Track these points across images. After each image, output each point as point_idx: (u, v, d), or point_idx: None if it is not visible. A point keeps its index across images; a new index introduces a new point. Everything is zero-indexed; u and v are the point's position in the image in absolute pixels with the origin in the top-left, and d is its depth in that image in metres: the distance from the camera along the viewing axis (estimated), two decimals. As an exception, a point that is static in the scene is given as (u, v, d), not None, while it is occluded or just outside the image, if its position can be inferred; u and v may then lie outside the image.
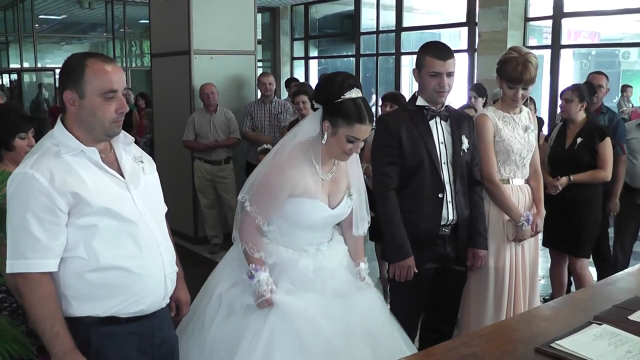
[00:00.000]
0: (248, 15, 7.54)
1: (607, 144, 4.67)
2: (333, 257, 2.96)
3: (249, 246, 2.80)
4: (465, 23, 11.00)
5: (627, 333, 1.92)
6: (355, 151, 2.82)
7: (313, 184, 2.81)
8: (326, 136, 2.77)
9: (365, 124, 2.73)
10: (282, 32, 15.36)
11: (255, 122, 7.21)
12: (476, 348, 1.85)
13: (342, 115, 2.72)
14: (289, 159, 2.78)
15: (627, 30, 11.86)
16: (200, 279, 3.06)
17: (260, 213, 2.79)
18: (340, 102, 2.73)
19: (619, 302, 2.22)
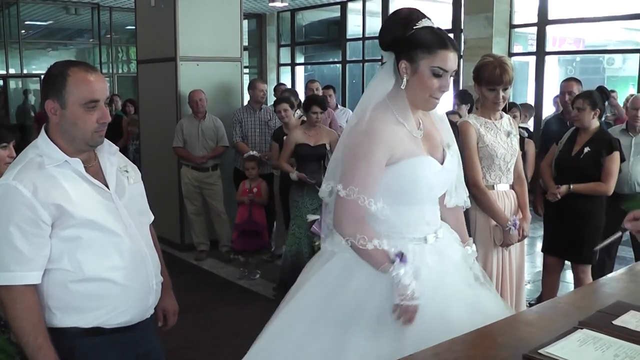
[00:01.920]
0: (234, 21, 7.56)
1: (614, 158, 4.66)
2: (454, 247, 2.53)
3: (357, 238, 2.24)
4: (450, 30, 11.05)
5: (610, 337, 1.93)
6: (444, 89, 2.33)
7: (410, 143, 2.35)
8: (406, 79, 2.31)
9: (450, 49, 2.29)
10: (268, 38, 15.39)
11: (245, 130, 7.20)
12: (460, 353, 1.85)
13: (419, 46, 2.27)
14: (372, 122, 2.29)
15: (611, 37, 11.94)
16: (186, 286, 3.03)
17: (362, 191, 2.24)
18: (412, 34, 2.29)
19: (603, 307, 2.23)
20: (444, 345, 1.91)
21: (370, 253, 2.23)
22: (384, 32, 2.39)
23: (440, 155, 2.45)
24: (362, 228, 2.25)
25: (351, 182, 2.24)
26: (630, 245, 5.93)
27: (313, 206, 5.67)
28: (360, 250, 2.25)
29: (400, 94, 2.33)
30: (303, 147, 5.73)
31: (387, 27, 2.38)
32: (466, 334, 2.02)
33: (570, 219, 4.74)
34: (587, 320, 2.04)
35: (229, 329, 5.10)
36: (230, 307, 5.66)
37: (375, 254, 2.23)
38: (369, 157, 2.25)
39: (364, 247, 2.21)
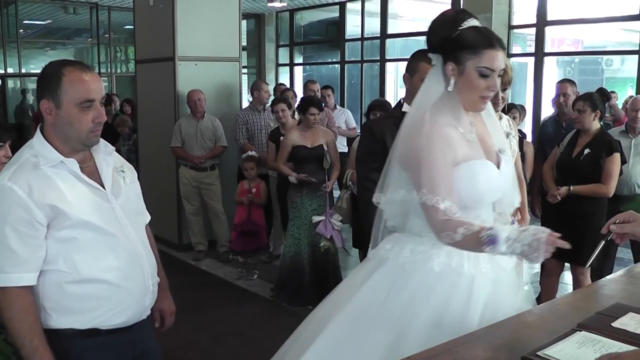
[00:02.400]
0: (233, 21, 7.55)
1: (614, 160, 4.67)
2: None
3: (443, 238, 2.11)
4: (449, 30, 11.03)
5: (609, 339, 1.92)
6: (492, 89, 2.26)
7: (469, 147, 2.28)
8: (453, 81, 2.26)
9: (496, 48, 2.23)
10: (267, 38, 15.38)
11: (251, 131, 7.19)
12: (458, 355, 1.84)
13: (464, 47, 2.22)
14: (430, 126, 2.21)
15: (610, 38, 11.94)
16: (184, 286, 3.02)
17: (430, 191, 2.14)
18: (457, 35, 2.25)
19: (602, 308, 2.22)
20: (441, 347, 1.90)
21: (463, 243, 2.07)
22: (430, 34, 2.37)
23: (495, 160, 2.38)
24: (446, 225, 2.09)
25: (422, 187, 2.16)
26: (629, 246, 5.93)
27: (312, 206, 5.66)
28: (455, 245, 2.11)
29: (451, 96, 2.28)
30: (301, 149, 5.71)
31: (433, 29, 2.35)
32: (464, 336, 2.01)
33: (570, 220, 4.72)
34: (585, 322, 2.03)
35: (226, 329, 5.10)
36: (228, 307, 5.65)
37: (467, 241, 2.05)
38: (433, 158, 2.17)
39: (453, 241, 2.07)
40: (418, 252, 2.29)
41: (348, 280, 2.56)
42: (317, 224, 5.50)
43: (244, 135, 7.14)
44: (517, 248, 1.90)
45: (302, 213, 5.67)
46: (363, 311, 2.29)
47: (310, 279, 5.63)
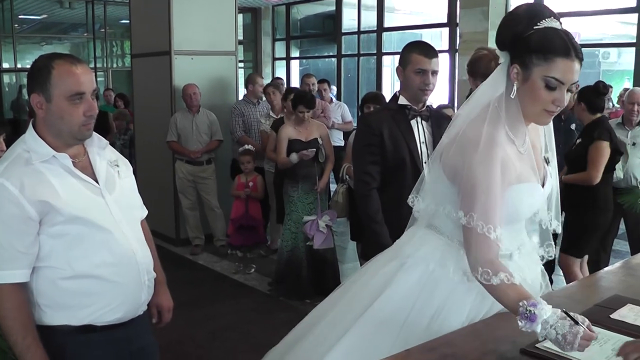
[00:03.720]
0: (229, 15, 7.54)
1: (597, 147, 4.69)
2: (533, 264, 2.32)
3: (479, 272, 1.91)
4: (446, 23, 11.03)
5: (607, 331, 1.92)
6: (558, 104, 1.97)
7: (520, 164, 2.07)
8: (515, 87, 2.00)
9: (572, 58, 1.93)
10: (263, 32, 15.34)
11: (248, 123, 7.21)
12: (457, 348, 1.84)
13: (535, 49, 1.94)
14: (490, 145, 1.98)
15: (607, 31, 11.94)
16: (181, 281, 3.00)
17: (480, 217, 1.95)
18: (532, 33, 1.97)
19: (600, 300, 2.22)
20: (441, 339, 1.90)
21: (496, 289, 1.88)
22: (502, 28, 2.10)
23: (542, 173, 2.20)
24: (488, 262, 1.92)
25: (474, 211, 1.95)
26: (625, 238, 5.94)
27: (308, 200, 5.65)
28: (486, 287, 1.92)
29: (513, 103, 2.04)
30: (296, 144, 5.69)
31: (506, 23, 2.09)
32: (463, 328, 2.00)
33: (568, 211, 4.79)
34: (584, 314, 2.02)
35: (224, 323, 5.09)
36: (226, 301, 5.64)
37: (503, 291, 1.87)
38: (489, 184, 1.96)
39: (488, 282, 1.88)
40: (448, 258, 2.15)
41: (366, 276, 2.37)
42: (305, 223, 5.51)
43: (241, 127, 7.15)
44: (551, 334, 1.74)
45: (299, 207, 5.67)
46: (389, 316, 2.16)
47: (308, 272, 5.63)
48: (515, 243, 2.20)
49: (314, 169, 5.70)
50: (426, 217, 2.27)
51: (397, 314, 2.14)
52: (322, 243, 5.48)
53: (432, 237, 2.23)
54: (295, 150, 5.67)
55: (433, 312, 2.12)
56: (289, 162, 5.67)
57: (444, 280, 2.14)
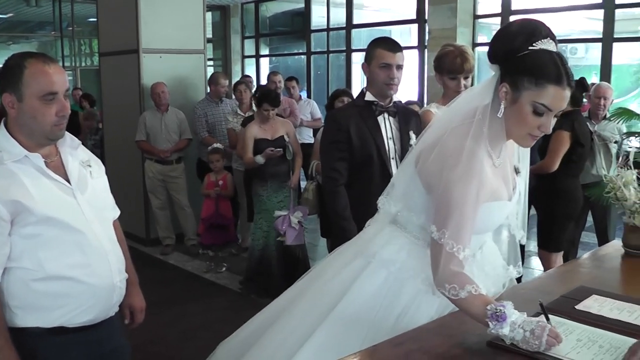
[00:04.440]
0: (197, 13, 7.51)
1: (556, 136, 4.76)
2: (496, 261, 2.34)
3: (447, 289, 1.88)
4: (415, 20, 11.07)
5: (572, 322, 1.95)
6: (544, 130, 1.95)
7: (495, 180, 2.07)
8: (503, 107, 1.95)
9: (564, 87, 1.89)
10: (232, 30, 15.26)
11: (212, 123, 7.19)
12: (423, 342, 1.84)
13: (528, 72, 1.89)
14: (470, 162, 1.95)
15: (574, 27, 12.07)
16: (152, 281, 2.98)
17: (452, 236, 1.90)
18: (526, 54, 1.92)
19: (567, 292, 2.25)
20: (407, 334, 1.91)
21: (465, 302, 1.86)
22: (496, 42, 2.04)
23: (511, 185, 2.18)
24: (454, 277, 1.88)
25: (446, 227, 1.91)
26: (593, 231, 6.03)
27: (278, 198, 5.65)
28: (453, 301, 1.90)
29: (498, 120, 1.99)
30: (262, 142, 5.66)
31: (501, 37, 2.03)
32: (430, 323, 2.01)
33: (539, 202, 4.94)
34: (550, 305, 2.05)
35: (195, 322, 5.07)
36: (197, 300, 5.62)
37: (470, 302, 1.84)
38: (465, 202, 1.92)
39: (456, 297, 1.86)
40: (414, 257, 2.14)
41: (331, 271, 2.35)
42: (276, 218, 5.50)
43: (204, 127, 7.14)
44: (519, 334, 1.73)
45: (269, 206, 5.66)
46: (356, 315, 2.14)
47: (279, 270, 5.62)
48: (479, 244, 2.23)
49: (282, 167, 5.69)
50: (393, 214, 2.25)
51: (364, 312, 2.13)
52: (294, 239, 5.47)
53: (398, 235, 2.21)
54: (262, 149, 5.62)
55: (400, 311, 2.12)
56: (254, 162, 5.65)
57: (410, 280, 2.14)
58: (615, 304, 2.12)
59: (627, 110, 5.36)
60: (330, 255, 2.48)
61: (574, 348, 1.77)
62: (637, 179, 2.89)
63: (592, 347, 1.79)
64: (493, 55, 2.03)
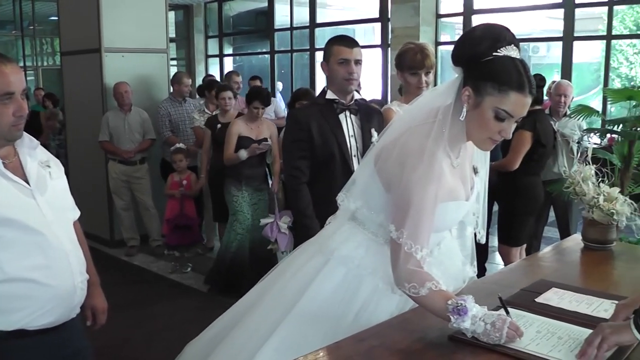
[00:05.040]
0: (159, 12, 7.47)
1: (518, 136, 4.82)
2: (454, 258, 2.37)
3: (407, 288, 1.89)
4: (378, 19, 11.13)
5: (532, 314, 1.98)
6: (504, 135, 1.98)
7: (453, 181, 2.09)
8: (465, 110, 1.97)
9: (525, 94, 1.92)
10: (196, 29, 15.18)
11: (175, 123, 7.15)
12: (386, 338, 1.86)
13: (491, 78, 1.91)
14: (430, 164, 1.96)
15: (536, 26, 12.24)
16: (117, 282, 2.96)
17: (410, 236, 1.92)
18: (490, 59, 1.93)
19: (527, 285, 2.29)
20: (370, 330, 1.92)
21: (426, 299, 1.87)
22: (460, 44, 2.04)
23: (469, 184, 2.21)
24: (414, 275, 1.89)
25: (404, 228, 1.92)
26: (555, 225, 6.12)
27: (253, 200, 5.58)
28: (414, 299, 1.91)
29: (459, 123, 2.00)
30: (246, 140, 5.58)
31: (466, 41, 2.03)
32: (392, 319, 2.03)
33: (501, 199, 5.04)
34: (510, 298, 2.09)
35: (161, 324, 5.04)
36: (163, 302, 5.58)
37: (431, 298, 1.86)
38: (424, 204, 1.93)
39: (416, 295, 1.87)
40: (373, 254, 2.15)
41: (292, 269, 2.35)
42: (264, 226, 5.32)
43: (168, 127, 7.11)
44: (480, 327, 1.76)
45: (244, 208, 5.59)
46: (317, 312, 2.15)
47: (252, 274, 5.55)
48: (437, 241, 2.25)
49: (259, 170, 5.64)
50: (352, 211, 2.26)
51: (325, 309, 2.14)
52: (286, 245, 5.11)
53: (356, 232, 2.22)
54: (244, 147, 5.54)
55: (359, 307, 2.13)
56: (237, 158, 5.53)
57: (368, 277, 2.15)
58: (574, 297, 2.16)
59: (587, 108, 5.45)
60: (292, 253, 2.49)
61: (534, 340, 1.81)
62: (595, 175, 2.96)
63: (551, 338, 1.82)
64: (457, 58, 2.03)
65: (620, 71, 12.58)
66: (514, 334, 1.77)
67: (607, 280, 2.54)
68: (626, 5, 11.07)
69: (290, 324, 2.15)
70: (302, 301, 2.18)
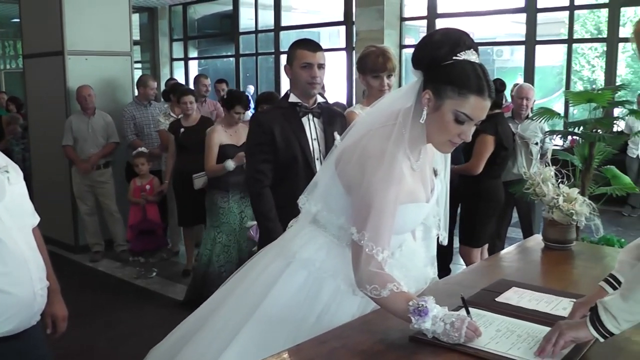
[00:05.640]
0: (123, 15, 7.41)
1: (480, 140, 4.92)
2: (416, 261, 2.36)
3: (368, 290, 1.90)
4: (342, 22, 11.18)
5: (492, 313, 2.01)
6: (464, 138, 2.00)
7: (413, 183, 2.10)
8: (425, 113, 1.98)
9: (485, 97, 1.95)
10: (160, 32, 15.09)
11: (139, 126, 7.10)
12: (347, 340, 1.86)
13: (451, 82, 1.93)
14: (391, 166, 1.97)
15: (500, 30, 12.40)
16: (82, 289, 2.92)
17: (372, 238, 1.92)
18: (450, 64, 1.95)
19: (488, 285, 2.32)
20: (332, 332, 1.92)
21: (387, 301, 1.88)
22: (420, 48, 2.04)
23: (429, 186, 2.22)
24: (375, 277, 1.89)
25: (365, 230, 1.92)
26: (519, 226, 6.19)
27: (239, 209, 5.43)
28: (376, 300, 1.92)
29: (419, 125, 2.01)
30: (229, 148, 5.33)
31: (426, 44, 2.03)
32: (354, 320, 2.03)
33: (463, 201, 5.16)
34: (471, 298, 2.11)
35: (126, 330, 4.99)
36: (128, 307, 5.53)
37: (392, 300, 1.87)
38: (385, 205, 1.94)
39: (378, 296, 1.88)
40: (334, 257, 2.15)
41: (254, 273, 2.34)
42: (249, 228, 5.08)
43: (132, 131, 7.06)
44: (440, 327, 1.78)
45: (230, 218, 5.36)
46: (279, 315, 2.14)
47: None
48: (398, 243, 2.26)
49: (240, 176, 5.15)
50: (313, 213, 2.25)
51: (286, 312, 2.13)
52: None
53: (317, 235, 2.22)
54: (229, 156, 5.28)
55: (321, 309, 2.13)
56: (222, 169, 5.25)
57: (330, 279, 2.15)
58: (534, 295, 2.20)
59: (549, 110, 5.51)
60: (255, 257, 2.48)
61: (493, 338, 1.83)
62: (555, 176, 3.01)
63: (510, 336, 1.85)
64: (417, 62, 2.04)
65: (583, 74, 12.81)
66: (472, 334, 1.79)
67: (566, 279, 2.58)
68: (587, 10, 11.28)
69: (252, 327, 2.14)
70: (264, 304, 2.17)
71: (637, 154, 9.11)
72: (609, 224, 8.25)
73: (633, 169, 9.06)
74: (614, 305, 1.64)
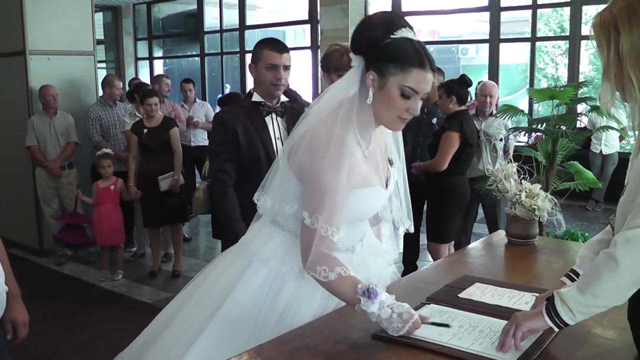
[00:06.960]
0: (86, 13, 7.32)
1: (445, 137, 4.99)
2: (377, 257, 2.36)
3: (317, 271, 1.92)
4: (307, 20, 11.18)
5: (455, 310, 2.02)
6: (412, 112, 2.03)
7: (366, 167, 2.11)
8: (371, 93, 2.01)
9: (426, 69, 1.99)
10: (124, 32, 14.94)
11: (105, 127, 7.01)
12: (309, 339, 1.86)
13: (392, 59, 1.97)
14: (339, 149, 1.98)
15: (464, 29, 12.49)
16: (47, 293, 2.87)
17: (326, 220, 1.94)
18: (389, 42, 1.99)
19: (451, 281, 2.33)
20: (293, 332, 1.91)
21: (335, 284, 1.91)
22: (358, 33, 2.08)
23: (384, 174, 2.23)
24: (325, 259, 1.93)
25: (319, 212, 1.94)
26: (485, 222, 6.25)
27: None
28: (324, 284, 1.94)
29: (366, 107, 2.04)
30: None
31: (362, 28, 2.07)
32: (315, 320, 2.02)
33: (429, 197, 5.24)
34: (434, 295, 2.12)
35: (92, 333, 4.93)
36: (94, 310, 5.47)
37: (341, 283, 1.91)
38: (336, 187, 1.96)
39: (326, 279, 1.90)
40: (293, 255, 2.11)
41: (214, 274, 2.34)
42: None
43: (98, 132, 6.96)
44: (386, 312, 1.81)
45: None
46: (240, 316, 2.14)
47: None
48: (358, 236, 2.26)
49: None
50: (271, 214, 2.26)
51: (248, 312, 2.13)
52: None
53: (276, 234, 2.23)
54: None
55: (282, 308, 2.13)
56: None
57: (290, 277, 2.15)
58: (497, 291, 2.22)
59: (512, 107, 5.57)
60: (217, 258, 2.47)
61: (455, 334, 1.84)
62: (518, 172, 3.03)
63: (472, 332, 1.86)
64: (357, 46, 2.07)
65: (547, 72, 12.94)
66: (413, 330, 1.82)
67: (529, 274, 2.61)
68: (550, 9, 11.42)
69: (214, 328, 2.14)
70: (226, 304, 2.16)
71: (600, 150, 9.24)
72: (574, 219, 8.37)
73: (596, 164, 9.19)
74: (571, 297, 1.66)
